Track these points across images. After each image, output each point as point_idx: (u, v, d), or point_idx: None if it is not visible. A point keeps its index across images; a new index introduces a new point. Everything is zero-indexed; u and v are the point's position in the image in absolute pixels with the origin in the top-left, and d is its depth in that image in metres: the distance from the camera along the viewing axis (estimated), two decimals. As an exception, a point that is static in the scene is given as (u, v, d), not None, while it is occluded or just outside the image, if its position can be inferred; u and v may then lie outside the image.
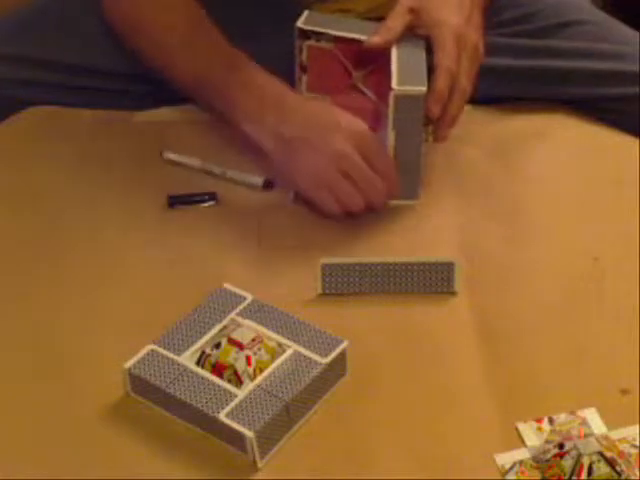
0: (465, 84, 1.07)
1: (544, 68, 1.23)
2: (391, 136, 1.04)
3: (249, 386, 0.86)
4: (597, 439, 0.83)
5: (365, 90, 1.15)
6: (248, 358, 0.88)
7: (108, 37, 1.22)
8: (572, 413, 0.87)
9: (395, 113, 1.03)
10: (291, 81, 1.15)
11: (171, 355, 0.89)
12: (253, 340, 0.89)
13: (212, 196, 1.11)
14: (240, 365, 0.87)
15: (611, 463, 0.81)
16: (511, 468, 0.83)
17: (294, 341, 0.90)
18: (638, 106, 1.19)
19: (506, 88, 1.19)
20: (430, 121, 1.07)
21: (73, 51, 1.23)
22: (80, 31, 1.24)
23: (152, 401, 0.89)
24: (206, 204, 1.11)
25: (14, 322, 0.98)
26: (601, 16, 1.29)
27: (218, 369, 0.88)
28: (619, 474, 0.80)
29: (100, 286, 1.01)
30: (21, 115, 1.23)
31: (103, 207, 1.11)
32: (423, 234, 1.07)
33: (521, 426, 0.87)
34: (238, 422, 0.84)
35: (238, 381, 0.87)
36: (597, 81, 1.21)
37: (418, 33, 1.09)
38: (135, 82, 1.23)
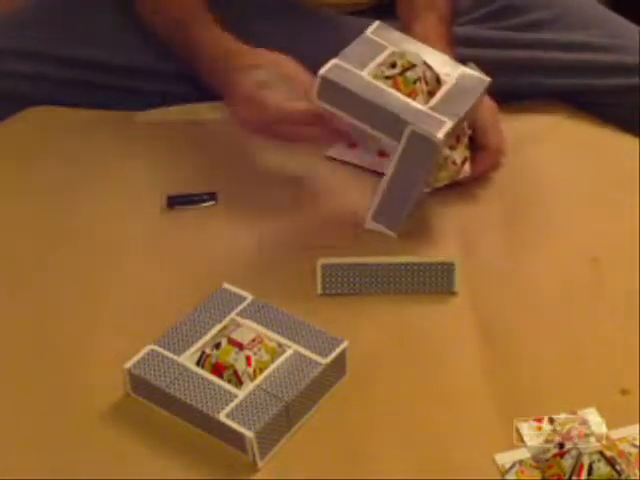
0: None
1: (542, 60, 1.23)
2: (391, 168, 1.02)
3: (249, 386, 0.86)
4: (597, 439, 0.83)
5: None
6: (248, 358, 0.88)
7: (107, 31, 1.23)
8: (572, 413, 0.87)
9: (404, 149, 0.99)
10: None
11: (171, 355, 0.89)
12: (253, 340, 0.89)
13: (212, 196, 1.11)
14: (240, 365, 0.87)
15: (611, 462, 0.81)
16: (511, 468, 0.83)
17: (294, 341, 0.90)
18: (639, 97, 1.20)
19: (504, 81, 1.19)
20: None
21: (74, 46, 1.24)
22: (80, 25, 1.25)
23: (152, 401, 0.89)
24: (206, 204, 1.10)
25: (14, 322, 0.98)
26: (599, 8, 1.30)
27: (218, 369, 0.88)
28: (619, 473, 0.80)
29: (100, 286, 1.01)
30: (21, 115, 1.23)
31: (103, 207, 1.11)
32: (423, 234, 1.07)
33: (521, 426, 0.86)
34: (238, 422, 0.84)
35: (238, 381, 0.87)
36: (597, 73, 1.22)
37: None
38: (136, 77, 1.24)
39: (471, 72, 1.06)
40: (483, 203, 1.11)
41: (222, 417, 0.84)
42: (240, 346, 0.88)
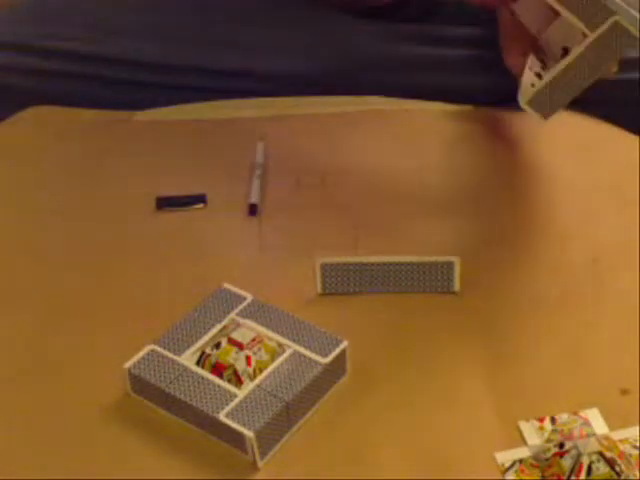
0: None
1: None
2: (573, 56, 0.96)
3: (249, 386, 0.86)
4: (598, 439, 0.83)
5: None
6: (248, 358, 0.88)
7: (107, 23, 1.23)
8: (574, 413, 0.87)
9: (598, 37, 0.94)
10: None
11: (171, 355, 0.89)
12: (253, 340, 0.89)
13: (201, 198, 1.10)
14: (240, 365, 0.87)
15: (610, 463, 0.81)
16: (511, 466, 0.83)
17: (294, 341, 0.90)
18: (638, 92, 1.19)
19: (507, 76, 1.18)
20: None
21: (73, 39, 1.24)
22: (80, 19, 1.25)
23: (152, 401, 0.89)
24: (196, 206, 1.10)
25: (13, 322, 0.98)
26: None
27: (218, 369, 0.88)
28: (618, 474, 0.80)
29: (99, 285, 1.01)
30: (21, 115, 1.23)
31: (103, 207, 1.11)
32: (423, 234, 1.07)
33: (522, 425, 0.86)
34: (238, 422, 0.84)
35: (238, 381, 0.87)
36: None
37: None
38: (137, 70, 1.24)
39: None
40: (483, 202, 1.11)
41: (222, 417, 0.84)
42: (240, 346, 0.89)
